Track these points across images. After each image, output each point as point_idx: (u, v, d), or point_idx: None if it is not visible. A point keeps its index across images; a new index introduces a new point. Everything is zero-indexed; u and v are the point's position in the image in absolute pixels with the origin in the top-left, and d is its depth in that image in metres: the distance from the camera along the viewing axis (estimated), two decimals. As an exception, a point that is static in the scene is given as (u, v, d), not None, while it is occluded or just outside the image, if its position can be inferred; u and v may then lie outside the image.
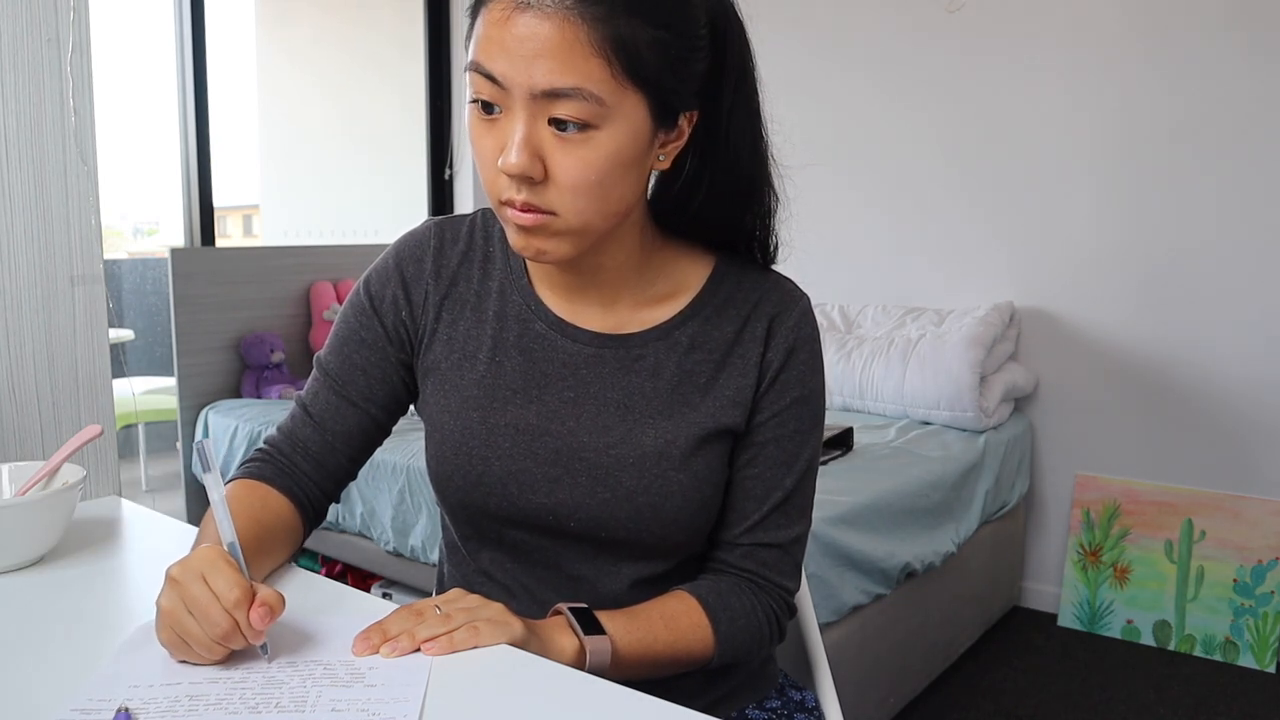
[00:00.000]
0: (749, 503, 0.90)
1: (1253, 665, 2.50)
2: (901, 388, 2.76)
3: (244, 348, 3.13)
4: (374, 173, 4.49)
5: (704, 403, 0.87)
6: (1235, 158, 2.53)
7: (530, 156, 0.74)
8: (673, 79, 0.76)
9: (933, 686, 2.37)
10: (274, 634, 0.74)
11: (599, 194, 0.76)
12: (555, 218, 0.77)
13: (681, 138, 0.82)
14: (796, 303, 0.91)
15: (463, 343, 0.91)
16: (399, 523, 2.40)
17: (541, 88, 0.72)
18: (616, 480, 0.85)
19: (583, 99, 0.72)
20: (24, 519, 0.89)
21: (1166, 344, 2.68)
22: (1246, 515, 2.56)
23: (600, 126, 0.73)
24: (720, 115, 0.82)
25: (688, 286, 0.90)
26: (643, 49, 0.72)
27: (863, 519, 2.02)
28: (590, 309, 0.89)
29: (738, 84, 0.83)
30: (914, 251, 3.10)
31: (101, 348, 1.22)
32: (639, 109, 0.75)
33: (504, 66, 0.72)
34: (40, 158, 1.14)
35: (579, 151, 0.74)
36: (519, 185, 0.75)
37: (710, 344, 0.88)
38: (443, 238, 0.94)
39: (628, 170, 0.77)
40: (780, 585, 0.91)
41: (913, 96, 3.05)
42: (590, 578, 0.90)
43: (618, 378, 0.88)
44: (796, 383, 0.89)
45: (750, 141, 0.85)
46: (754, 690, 1.00)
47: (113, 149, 3.85)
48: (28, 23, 1.12)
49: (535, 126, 0.74)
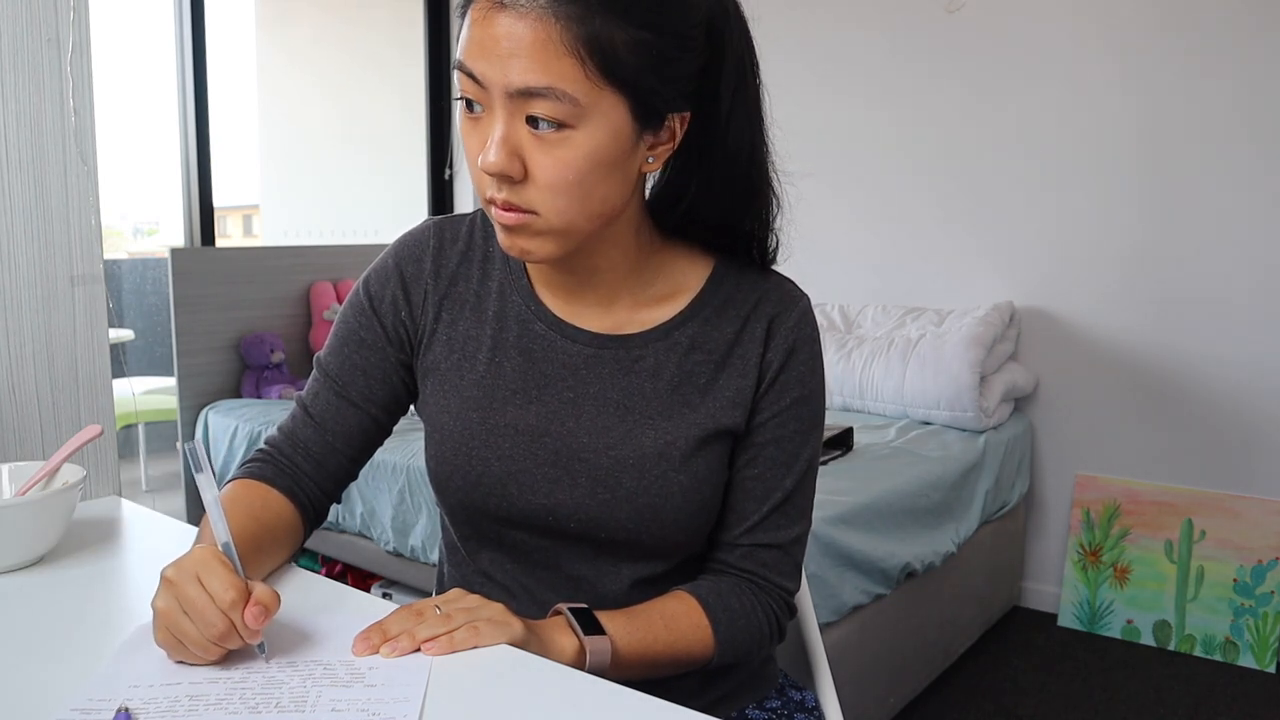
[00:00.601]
0: (749, 503, 0.90)
1: (1253, 665, 2.50)
2: (901, 388, 2.76)
3: (244, 348, 3.13)
4: (374, 173, 4.49)
5: (704, 403, 0.87)
6: (1236, 158, 2.53)
7: (508, 155, 0.74)
8: (655, 80, 0.75)
9: (933, 686, 2.37)
10: (273, 634, 0.74)
11: (579, 194, 0.76)
12: (537, 217, 0.77)
13: (673, 140, 0.81)
14: (796, 303, 0.90)
15: (462, 343, 0.91)
16: (399, 523, 2.40)
17: (516, 86, 0.72)
18: (616, 481, 0.85)
19: (556, 98, 0.72)
20: (24, 519, 0.89)
21: (1167, 344, 2.68)
22: (1246, 515, 2.56)
23: (576, 126, 0.73)
24: (718, 118, 0.81)
25: (687, 287, 0.90)
26: (620, 49, 0.72)
27: (863, 519, 2.02)
28: (589, 309, 0.89)
29: (737, 87, 0.81)
30: (914, 251, 3.10)
31: (101, 348, 1.22)
32: (617, 109, 0.74)
33: (483, 66, 0.73)
34: (40, 158, 1.14)
35: (556, 151, 0.74)
36: (499, 184, 0.76)
37: (710, 344, 0.88)
38: (442, 238, 0.94)
39: (609, 171, 0.76)
40: (780, 586, 0.91)
41: (914, 96, 3.04)
42: (590, 578, 0.90)
43: (617, 378, 0.88)
44: (796, 383, 0.89)
45: (749, 145, 0.84)
46: (754, 690, 1.00)
47: (113, 149, 3.85)
48: (28, 23, 1.12)
49: (513, 125, 0.74)
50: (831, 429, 2.45)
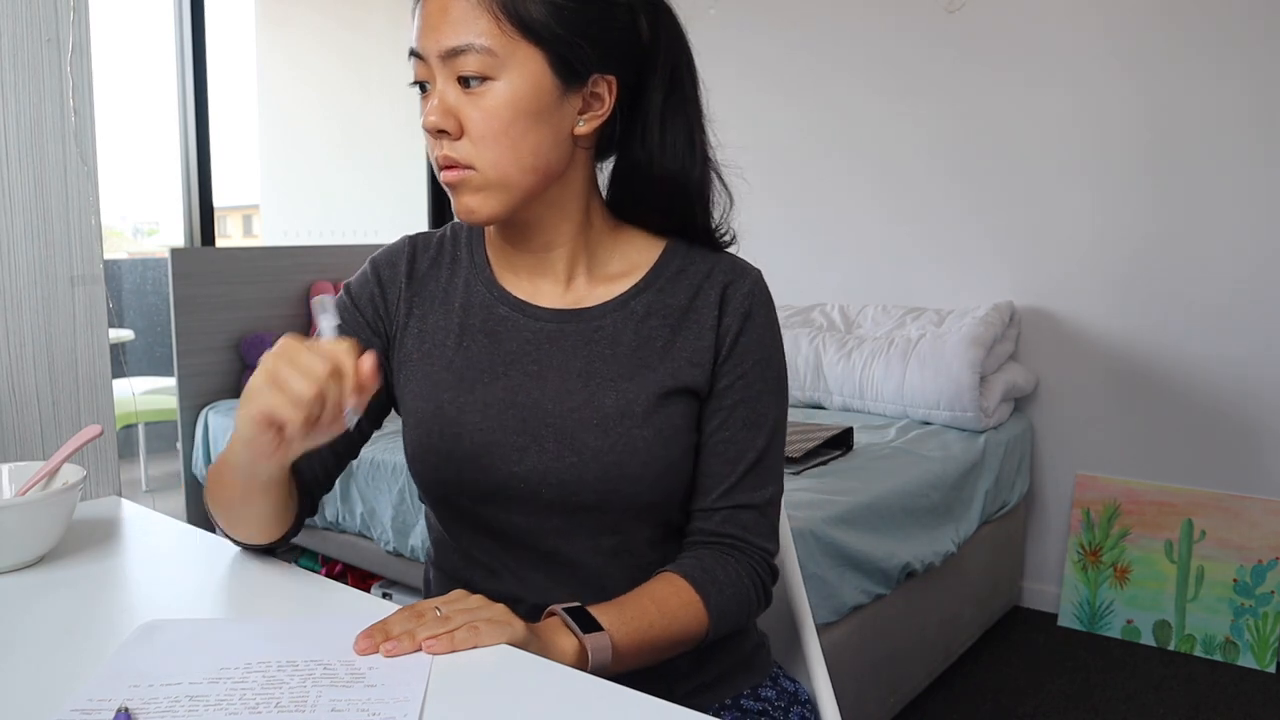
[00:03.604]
0: (723, 466, 0.93)
1: (1253, 665, 2.50)
2: (901, 388, 2.76)
3: (244, 348, 3.13)
4: (373, 173, 4.49)
5: (662, 364, 0.91)
6: (1238, 157, 2.53)
7: (444, 113, 0.83)
8: (569, 36, 0.83)
9: (933, 686, 2.37)
10: (272, 634, 0.74)
11: (508, 144, 0.84)
12: (474, 172, 0.85)
13: (603, 106, 0.88)
14: (748, 273, 0.96)
15: (432, 333, 0.96)
16: (399, 523, 2.41)
17: (446, 46, 0.82)
18: (582, 442, 0.89)
19: (475, 52, 0.82)
20: (24, 519, 0.89)
21: (1167, 344, 2.68)
22: (1246, 515, 2.56)
23: (497, 77, 0.82)
24: (649, 98, 0.89)
25: (641, 265, 0.95)
26: (531, 7, 0.82)
27: (863, 519, 2.02)
28: (549, 289, 0.95)
29: (672, 79, 0.90)
30: (914, 251, 3.10)
31: (101, 348, 1.22)
32: (534, 60, 0.83)
33: (423, 41, 0.84)
34: (40, 158, 1.14)
35: (482, 102, 0.83)
36: (440, 142, 0.85)
37: (665, 310, 0.93)
38: (415, 247, 1.00)
39: (534, 121, 0.84)
40: (760, 547, 0.94)
41: (913, 96, 3.05)
42: (568, 553, 0.92)
43: (579, 348, 0.92)
44: (756, 345, 0.93)
45: (687, 138, 0.91)
46: (747, 676, 1.01)
47: (113, 149, 3.85)
48: (28, 23, 1.12)
49: (448, 87, 0.84)
50: (831, 429, 2.45)
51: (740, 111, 3.35)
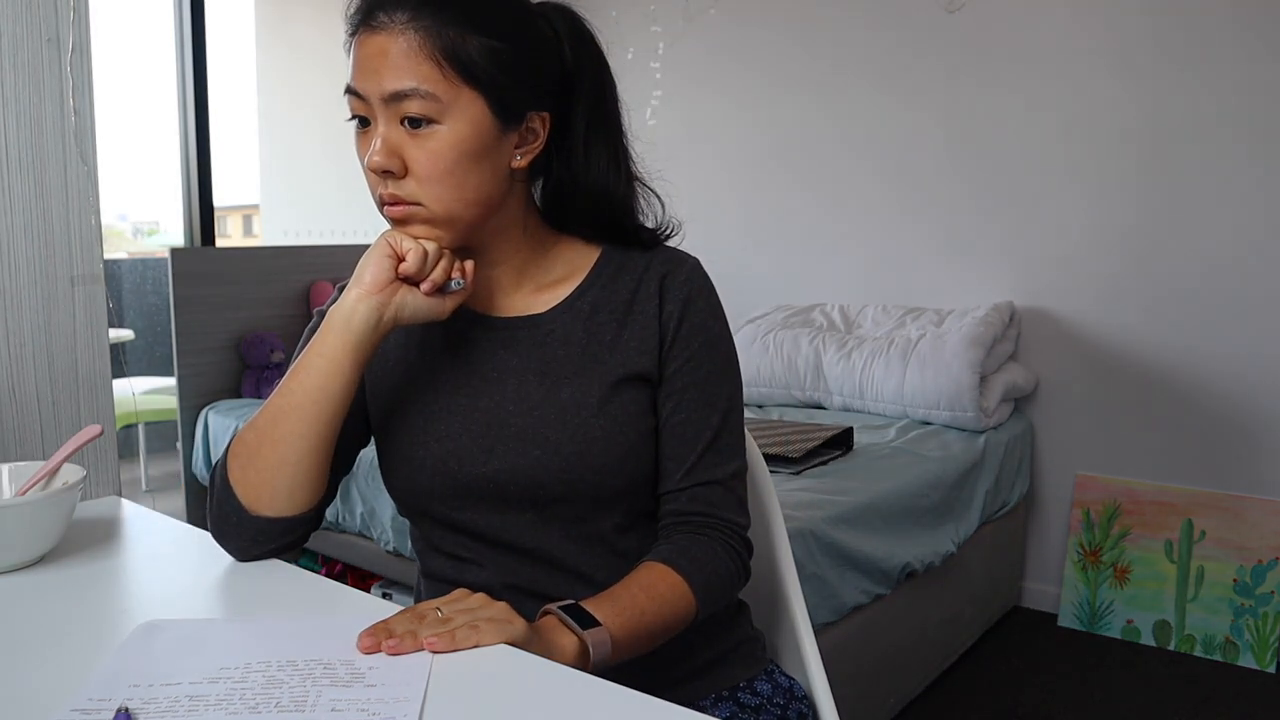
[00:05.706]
0: (683, 447, 0.96)
1: (1253, 665, 2.50)
2: (901, 388, 2.76)
3: (244, 348, 3.13)
4: (374, 173, 4.48)
5: (612, 356, 0.95)
6: (1236, 158, 2.53)
7: (388, 153, 0.86)
8: (507, 80, 0.87)
9: (933, 686, 2.37)
10: (272, 634, 0.74)
11: (452, 182, 0.87)
12: (420, 208, 0.88)
13: (538, 140, 0.92)
14: (684, 261, 0.99)
15: (394, 351, 1.01)
16: (399, 523, 2.40)
17: (389, 90, 0.85)
18: (543, 437, 0.92)
19: (421, 97, 0.84)
20: (24, 519, 0.89)
21: (1167, 344, 2.68)
22: (1246, 515, 2.56)
23: (442, 121, 0.85)
24: (574, 124, 0.94)
25: (581, 268, 1.00)
26: (473, 54, 0.85)
27: (863, 519, 2.02)
28: (501, 300, 0.99)
29: (594, 103, 0.95)
30: (914, 251, 3.10)
31: (101, 348, 1.22)
32: (475, 104, 0.86)
33: (362, 81, 0.87)
34: (40, 158, 1.14)
35: (428, 144, 0.86)
36: (384, 181, 0.88)
37: (610, 305, 0.97)
38: None
39: (476, 161, 0.87)
40: (729, 520, 0.96)
41: (913, 96, 3.05)
42: (546, 546, 0.94)
43: (534, 351, 0.96)
44: (700, 328, 0.97)
45: (610, 156, 0.96)
46: (742, 667, 1.02)
47: (113, 149, 3.85)
48: (28, 23, 1.12)
49: (392, 128, 0.86)
50: (831, 429, 2.45)
51: (740, 111, 3.35)
